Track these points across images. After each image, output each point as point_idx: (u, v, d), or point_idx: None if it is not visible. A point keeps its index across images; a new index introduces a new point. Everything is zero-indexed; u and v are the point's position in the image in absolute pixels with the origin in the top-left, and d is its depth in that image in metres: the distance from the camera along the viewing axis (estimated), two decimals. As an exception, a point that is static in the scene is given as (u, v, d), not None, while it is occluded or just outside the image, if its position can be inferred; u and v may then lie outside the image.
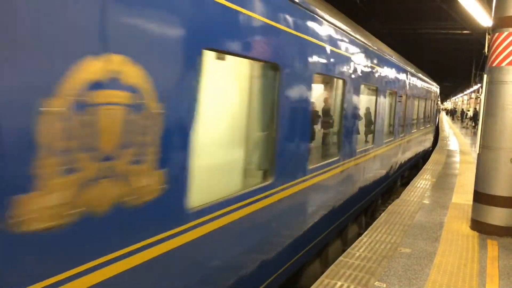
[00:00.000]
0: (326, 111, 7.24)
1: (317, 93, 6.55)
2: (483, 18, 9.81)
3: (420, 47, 27.39)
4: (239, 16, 3.71)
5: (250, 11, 3.87)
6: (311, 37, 5.25)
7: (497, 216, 6.73)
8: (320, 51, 5.58)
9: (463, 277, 5.16)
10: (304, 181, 5.34)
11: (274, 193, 4.58)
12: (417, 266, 5.45)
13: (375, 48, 8.68)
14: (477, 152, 7.06)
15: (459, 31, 20.55)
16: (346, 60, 6.74)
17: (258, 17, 4.00)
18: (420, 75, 16.39)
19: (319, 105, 6.98)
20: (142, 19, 2.64)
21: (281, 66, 4.48)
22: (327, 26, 5.75)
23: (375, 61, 8.57)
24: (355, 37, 7.20)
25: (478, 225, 6.96)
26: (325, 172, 6.09)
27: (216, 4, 3.38)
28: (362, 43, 7.65)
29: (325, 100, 7.20)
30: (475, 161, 7.32)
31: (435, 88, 23.53)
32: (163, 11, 2.81)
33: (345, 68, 6.73)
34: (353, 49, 7.05)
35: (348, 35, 6.78)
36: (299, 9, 4.82)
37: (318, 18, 5.40)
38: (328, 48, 5.87)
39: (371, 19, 16.49)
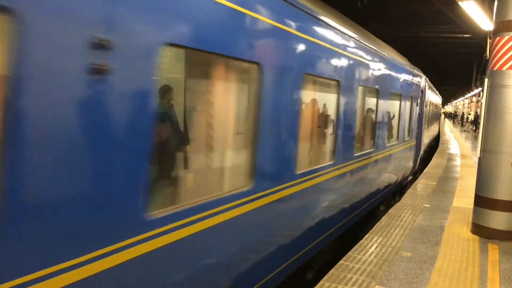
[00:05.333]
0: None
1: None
2: (484, 22, 9.82)
3: (420, 50, 27.36)
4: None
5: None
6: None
7: (498, 220, 6.73)
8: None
9: (464, 281, 5.15)
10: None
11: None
12: (418, 269, 5.44)
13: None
14: (478, 156, 7.06)
15: (460, 35, 20.52)
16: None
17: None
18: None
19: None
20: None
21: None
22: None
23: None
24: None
25: (479, 229, 6.95)
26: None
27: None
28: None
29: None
30: (476, 165, 7.32)
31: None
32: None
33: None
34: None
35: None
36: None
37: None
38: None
39: (371, 22, 16.51)
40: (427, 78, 17.17)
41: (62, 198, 2.39)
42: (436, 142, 27.64)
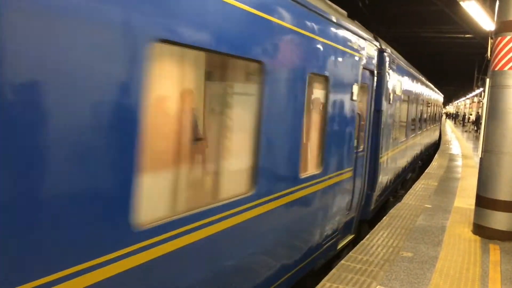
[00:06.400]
0: None
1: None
2: (486, 22, 9.81)
3: (422, 50, 27.38)
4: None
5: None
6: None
7: (499, 220, 6.72)
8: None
9: (465, 282, 5.15)
10: None
11: None
12: (419, 270, 5.43)
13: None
14: (480, 156, 7.05)
15: (462, 35, 20.53)
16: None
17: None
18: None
19: None
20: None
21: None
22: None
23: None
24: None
25: (480, 230, 6.95)
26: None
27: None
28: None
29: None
30: (478, 165, 7.32)
31: None
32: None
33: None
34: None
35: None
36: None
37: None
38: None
39: (373, 23, 16.51)
40: (395, 54, 10.16)
41: None
42: (435, 149, 23.26)
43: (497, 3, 6.86)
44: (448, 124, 53.00)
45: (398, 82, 10.38)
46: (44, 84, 2.21)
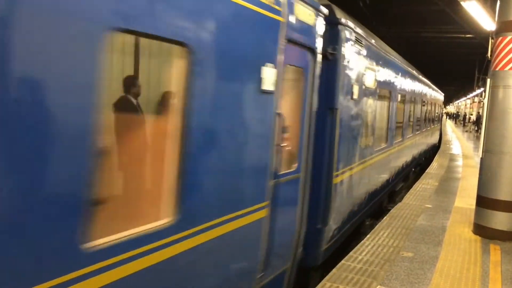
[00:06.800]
0: None
1: None
2: (487, 22, 9.81)
3: (423, 50, 27.37)
4: None
5: None
6: None
7: (500, 220, 6.72)
8: None
9: (466, 282, 5.15)
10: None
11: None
12: (419, 270, 5.43)
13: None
14: (480, 156, 7.05)
15: (462, 35, 20.51)
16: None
17: None
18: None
19: None
20: None
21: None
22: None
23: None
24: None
25: (480, 230, 6.94)
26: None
27: None
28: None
29: None
30: (478, 165, 7.32)
31: None
32: None
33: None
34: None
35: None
36: None
37: None
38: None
39: (374, 23, 16.51)
40: (363, 30, 7.29)
41: None
42: (434, 152, 21.23)
43: (498, 3, 6.86)
44: (449, 124, 53.03)
45: (370, 71, 7.76)
46: None
